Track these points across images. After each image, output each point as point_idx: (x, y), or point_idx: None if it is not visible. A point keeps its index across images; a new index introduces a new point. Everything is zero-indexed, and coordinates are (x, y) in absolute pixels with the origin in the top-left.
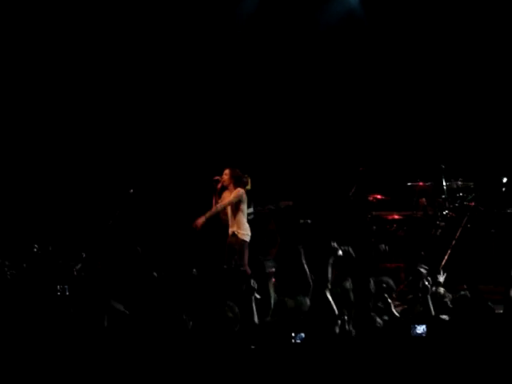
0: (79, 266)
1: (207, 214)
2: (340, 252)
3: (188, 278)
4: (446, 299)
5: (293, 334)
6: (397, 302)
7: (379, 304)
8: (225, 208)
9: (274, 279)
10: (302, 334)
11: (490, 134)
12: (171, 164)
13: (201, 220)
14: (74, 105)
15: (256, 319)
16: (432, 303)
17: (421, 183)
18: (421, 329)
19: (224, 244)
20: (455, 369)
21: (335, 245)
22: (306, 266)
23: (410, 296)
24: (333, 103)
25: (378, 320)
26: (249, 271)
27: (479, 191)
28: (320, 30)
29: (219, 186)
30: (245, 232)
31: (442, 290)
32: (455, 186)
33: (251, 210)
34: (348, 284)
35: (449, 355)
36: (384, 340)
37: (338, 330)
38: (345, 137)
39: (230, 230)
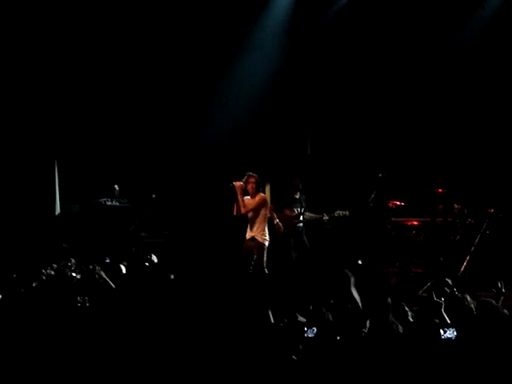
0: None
1: (240, 198)
2: (360, 261)
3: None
4: (472, 305)
5: (305, 329)
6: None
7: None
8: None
9: None
10: (314, 329)
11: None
12: (193, 170)
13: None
14: (94, 109)
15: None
16: (456, 310)
17: (440, 189)
18: (450, 332)
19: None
20: (484, 373)
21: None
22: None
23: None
24: (353, 109)
25: (400, 327)
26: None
27: (498, 198)
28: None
29: (240, 191)
30: (264, 237)
31: (468, 297)
32: None
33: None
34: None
35: (478, 359)
36: (412, 343)
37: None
38: (364, 143)
39: (249, 235)
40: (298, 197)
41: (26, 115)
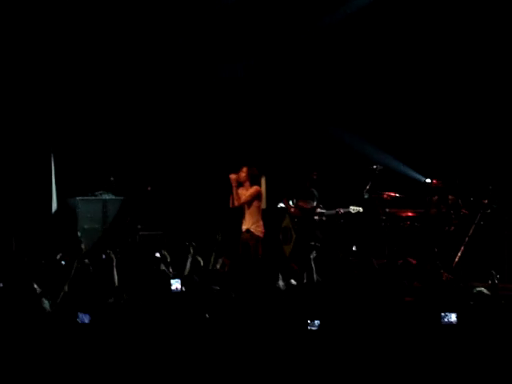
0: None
1: (234, 190)
2: (354, 248)
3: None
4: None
5: (308, 321)
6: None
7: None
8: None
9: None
10: (318, 321)
11: (506, 133)
12: (188, 162)
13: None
14: (90, 102)
15: None
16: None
17: (434, 181)
18: (452, 317)
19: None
20: (486, 357)
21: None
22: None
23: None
24: (347, 103)
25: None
26: None
27: (493, 189)
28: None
29: (235, 183)
30: (259, 229)
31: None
32: None
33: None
34: None
35: (479, 343)
36: (413, 328)
37: None
38: (359, 135)
39: (244, 227)
40: (312, 190)
41: (21, 110)
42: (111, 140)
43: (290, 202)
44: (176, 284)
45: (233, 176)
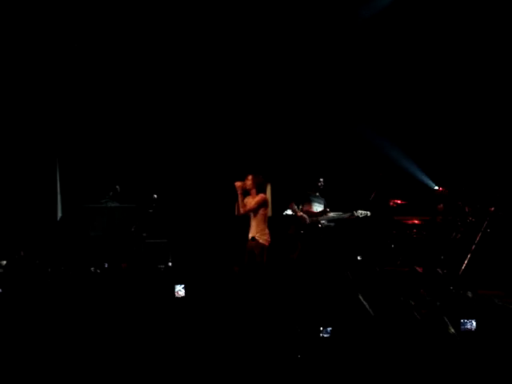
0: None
1: (240, 198)
2: (359, 257)
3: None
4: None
5: (321, 328)
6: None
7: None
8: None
9: None
10: (329, 329)
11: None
12: (194, 170)
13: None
14: (96, 110)
15: None
16: (459, 305)
17: (440, 188)
18: (470, 324)
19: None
20: (505, 363)
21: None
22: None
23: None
24: (353, 109)
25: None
26: None
27: (499, 196)
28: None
29: (240, 191)
30: (265, 237)
31: (469, 293)
32: None
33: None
34: None
35: (498, 350)
36: (430, 335)
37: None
38: (364, 142)
39: (250, 235)
40: (318, 194)
41: (27, 117)
42: (116, 148)
43: (296, 207)
44: (180, 290)
45: (238, 183)
